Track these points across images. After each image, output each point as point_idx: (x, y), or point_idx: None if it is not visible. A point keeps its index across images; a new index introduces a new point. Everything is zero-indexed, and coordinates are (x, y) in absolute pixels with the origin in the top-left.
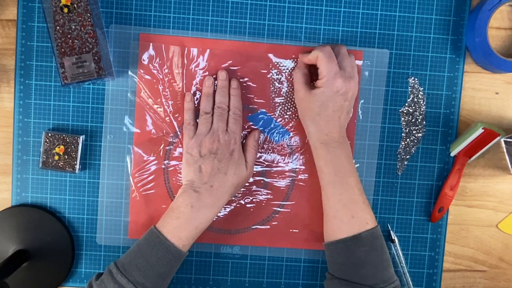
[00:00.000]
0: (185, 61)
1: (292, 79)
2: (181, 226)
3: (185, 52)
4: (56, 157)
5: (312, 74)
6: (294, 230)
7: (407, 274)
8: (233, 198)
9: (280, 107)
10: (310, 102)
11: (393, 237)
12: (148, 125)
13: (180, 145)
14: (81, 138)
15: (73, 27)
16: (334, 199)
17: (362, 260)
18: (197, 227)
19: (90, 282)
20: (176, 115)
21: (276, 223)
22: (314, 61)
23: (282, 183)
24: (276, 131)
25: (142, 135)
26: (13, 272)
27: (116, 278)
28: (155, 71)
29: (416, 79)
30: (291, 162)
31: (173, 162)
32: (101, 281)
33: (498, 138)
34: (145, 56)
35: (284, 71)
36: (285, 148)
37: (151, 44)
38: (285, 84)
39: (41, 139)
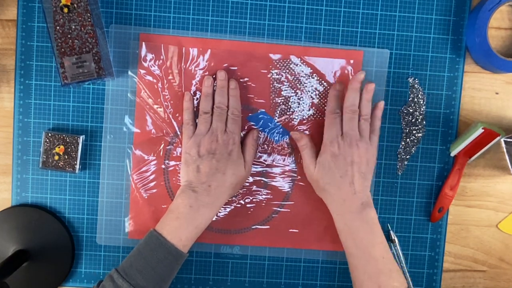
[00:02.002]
0: (185, 61)
1: (300, 158)
2: (181, 227)
3: (185, 52)
4: (56, 157)
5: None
6: (294, 230)
7: (407, 274)
8: (233, 198)
9: (280, 107)
10: (318, 171)
11: (393, 237)
12: (148, 125)
13: (180, 145)
14: (81, 138)
15: (73, 27)
16: (358, 270)
17: None
18: (197, 227)
19: None
20: (176, 115)
21: (276, 223)
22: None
23: (282, 183)
24: (276, 131)
25: (142, 135)
26: (13, 272)
27: (117, 283)
28: (155, 71)
29: (416, 79)
30: (291, 162)
31: (173, 162)
32: (102, 287)
33: (498, 138)
34: (145, 56)
35: (284, 71)
36: (285, 148)
37: (151, 44)
38: (285, 84)
39: (41, 139)
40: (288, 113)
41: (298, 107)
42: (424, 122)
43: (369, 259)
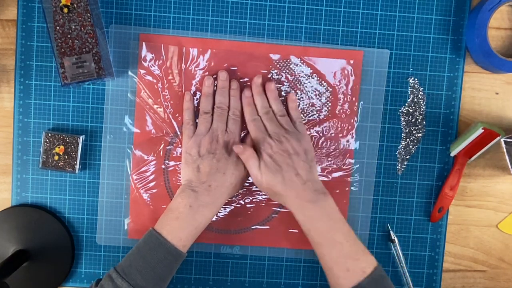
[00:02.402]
0: (185, 61)
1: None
2: (180, 227)
3: (185, 52)
4: (56, 157)
5: None
6: (293, 230)
7: (407, 274)
8: (233, 198)
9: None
10: (264, 177)
11: (393, 237)
12: (148, 125)
13: (180, 145)
14: (81, 138)
15: (73, 27)
16: (325, 258)
17: None
18: (197, 227)
19: None
20: (176, 115)
21: (275, 223)
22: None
23: None
24: None
25: (142, 135)
26: (13, 272)
27: (116, 283)
28: (155, 71)
29: (416, 79)
30: None
31: (173, 162)
32: (101, 287)
33: (498, 138)
34: (145, 56)
35: (284, 71)
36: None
37: (151, 44)
38: (285, 84)
39: (41, 139)
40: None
41: (298, 107)
42: (424, 122)
43: (333, 245)
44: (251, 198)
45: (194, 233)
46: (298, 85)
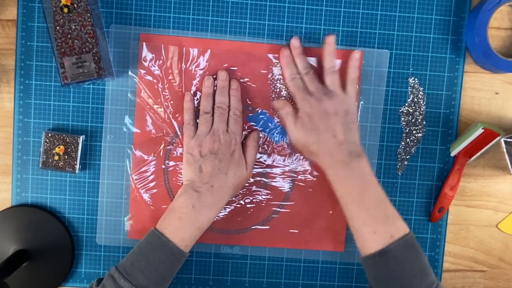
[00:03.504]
0: (185, 61)
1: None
2: (183, 227)
3: (185, 52)
4: (56, 157)
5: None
6: (293, 231)
7: None
8: (233, 199)
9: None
10: (301, 135)
11: None
12: (148, 125)
13: (180, 145)
14: (81, 138)
15: (73, 27)
16: (352, 218)
17: (394, 273)
18: (199, 227)
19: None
20: (176, 115)
21: (276, 223)
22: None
23: (282, 183)
24: (276, 132)
25: (142, 135)
26: (13, 272)
27: (118, 283)
28: (155, 71)
29: (416, 79)
30: (291, 162)
31: (173, 162)
32: (103, 287)
33: (498, 138)
34: (145, 56)
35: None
36: (285, 149)
37: (151, 44)
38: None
39: (41, 139)
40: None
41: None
42: (424, 122)
43: (363, 205)
44: (251, 198)
45: (197, 233)
46: None
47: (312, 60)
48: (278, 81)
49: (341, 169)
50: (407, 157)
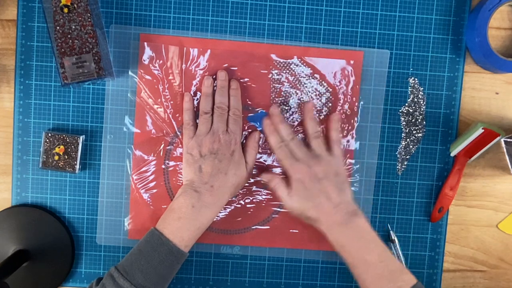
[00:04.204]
0: (185, 61)
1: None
2: (183, 227)
3: (185, 52)
4: (56, 157)
5: None
6: (294, 231)
7: None
8: (233, 199)
9: (280, 107)
10: (295, 203)
11: (393, 237)
12: (148, 125)
13: (180, 145)
14: (81, 138)
15: (73, 27)
16: (360, 279)
17: None
18: (199, 227)
19: (91, 287)
20: (176, 115)
21: (276, 223)
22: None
23: None
24: None
25: (142, 135)
26: (13, 272)
27: (118, 282)
28: (155, 71)
29: (416, 79)
30: None
31: (173, 162)
32: (102, 286)
33: (498, 138)
34: (145, 56)
35: (284, 71)
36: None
37: (151, 44)
38: (286, 85)
39: (41, 139)
40: (288, 113)
41: (298, 107)
42: (424, 122)
43: (367, 266)
44: (251, 198)
45: (197, 233)
46: (298, 85)
47: (312, 60)
48: (277, 81)
49: (340, 231)
50: (407, 157)
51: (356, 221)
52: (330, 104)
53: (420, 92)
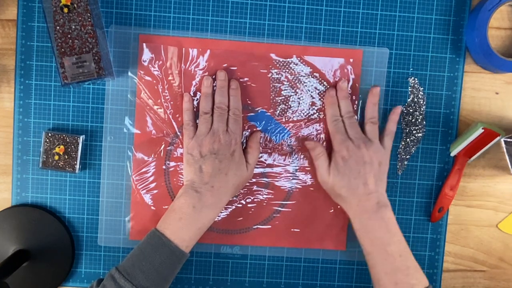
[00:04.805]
0: (185, 62)
1: (314, 166)
2: (184, 227)
3: (185, 52)
4: (56, 157)
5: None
6: (295, 230)
7: None
8: (234, 198)
9: (280, 106)
10: (332, 178)
11: None
12: (149, 126)
13: (180, 146)
14: (81, 138)
15: (73, 27)
16: (376, 268)
17: None
18: (200, 228)
19: None
20: (176, 116)
21: (277, 223)
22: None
23: (283, 182)
24: (276, 131)
25: (142, 136)
26: (13, 272)
27: (119, 283)
28: (155, 72)
29: (416, 79)
30: (292, 161)
31: (173, 163)
32: (103, 287)
33: (498, 138)
34: (145, 57)
35: (284, 71)
36: (286, 148)
37: (151, 45)
38: (285, 84)
39: (41, 139)
40: (288, 112)
41: (298, 106)
42: (424, 122)
43: (386, 257)
44: (252, 198)
45: (198, 233)
46: (298, 84)
47: (312, 59)
48: (277, 81)
49: (367, 218)
50: (407, 157)
51: (385, 213)
52: None
53: (420, 92)
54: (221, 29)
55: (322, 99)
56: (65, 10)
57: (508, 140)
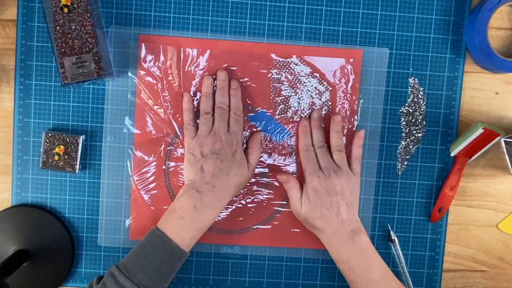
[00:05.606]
0: (184, 62)
1: (288, 196)
2: (185, 227)
3: (184, 52)
4: (56, 157)
5: None
6: (295, 230)
7: (407, 274)
8: (234, 198)
9: (280, 106)
10: (304, 209)
11: (393, 237)
12: (149, 126)
13: (180, 146)
14: (81, 138)
15: (73, 27)
16: None
17: None
18: (201, 227)
19: (91, 285)
20: (176, 116)
21: (277, 223)
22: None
23: None
24: (276, 131)
25: (142, 136)
26: (13, 272)
27: (119, 281)
28: (154, 72)
29: (416, 79)
30: (292, 161)
31: (173, 163)
32: (103, 285)
33: (498, 138)
34: (144, 57)
35: (284, 71)
36: (286, 148)
37: (150, 45)
38: (285, 84)
39: (41, 139)
40: (288, 112)
41: (298, 106)
42: (424, 122)
43: (368, 283)
44: (252, 198)
45: (198, 233)
46: (298, 84)
47: (312, 59)
48: (277, 81)
49: (344, 247)
50: (407, 157)
51: (360, 239)
52: (330, 103)
53: (420, 92)
54: (221, 29)
55: (322, 99)
56: (65, 10)
57: (508, 140)
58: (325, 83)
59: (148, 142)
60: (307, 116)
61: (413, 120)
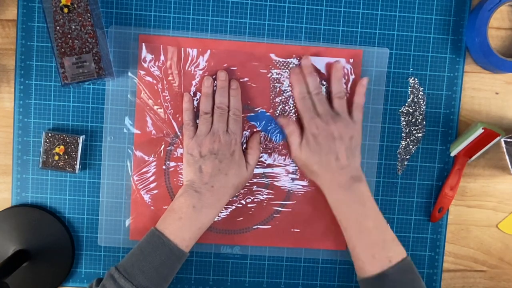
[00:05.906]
0: (184, 62)
1: (288, 143)
2: (184, 227)
3: (184, 52)
4: (56, 157)
5: None
6: (295, 230)
7: None
8: (234, 199)
9: (280, 106)
10: (304, 154)
11: None
12: (149, 126)
13: (180, 146)
14: (81, 138)
15: (73, 27)
16: (353, 242)
17: None
18: (200, 227)
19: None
20: (176, 116)
21: (277, 223)
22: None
23: (283, 182)
24: (276, 131)
25: (142, 136)
26: (13, 272)
27: (119, 283)
28: (154, 72)
29: (416, 79)
30: (292, 161)
31: (173, 163)
32: (103, 287)
33: (498, 138)
34: (144, 57)
35: (284, 71)
36: (286, 148)
37: (150, 45)
38: (285, 84)
39: (41, 139)
40: (288, 112)
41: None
42: (424, 122)
43: (362, 230)
44: (252, 198)
45: (197, 233)
46: None
47: (312, 60)
48: (277, 81)
49: (341, 193)
50: (407, 157)
51: (359, 187)
52: None
53: (420, 92)
54: (221, 29)
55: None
56: (65, 10)
57: (508, 140)
58: (325, 83)
59: (148, 142)
60: (295, 67)
61: (413, 120)
